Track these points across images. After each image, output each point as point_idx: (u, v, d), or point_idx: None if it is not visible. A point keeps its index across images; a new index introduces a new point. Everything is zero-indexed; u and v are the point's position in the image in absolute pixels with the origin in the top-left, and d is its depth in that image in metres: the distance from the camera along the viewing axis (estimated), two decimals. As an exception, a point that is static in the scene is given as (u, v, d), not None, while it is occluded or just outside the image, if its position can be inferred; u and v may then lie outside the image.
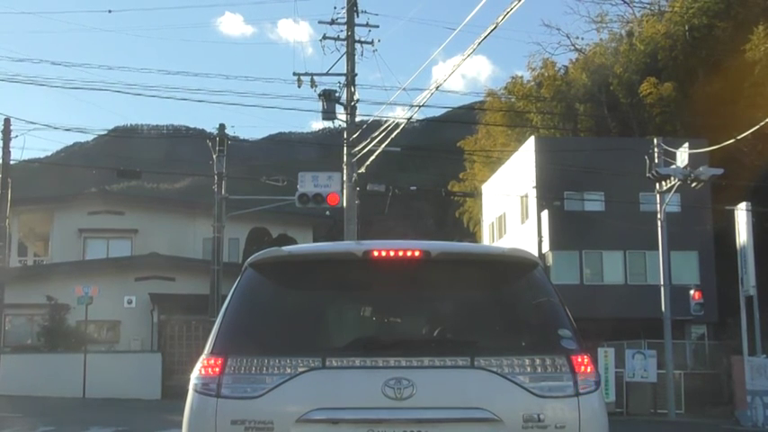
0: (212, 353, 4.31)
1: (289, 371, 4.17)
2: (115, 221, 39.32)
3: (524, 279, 4.66)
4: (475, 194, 44.58)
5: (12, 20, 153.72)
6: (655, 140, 28.46)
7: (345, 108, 28.08)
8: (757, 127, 23.87)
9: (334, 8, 29.09)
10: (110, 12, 77.53)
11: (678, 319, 28.87)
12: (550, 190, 33.80)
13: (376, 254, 4.53)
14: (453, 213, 52.69)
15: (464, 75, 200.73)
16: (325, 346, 4.52)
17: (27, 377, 27.65)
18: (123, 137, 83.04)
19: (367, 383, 4.13)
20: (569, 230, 33.22)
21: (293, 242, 30.98)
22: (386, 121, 28.23)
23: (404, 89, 28.33)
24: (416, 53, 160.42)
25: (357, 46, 28.71)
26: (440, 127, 60.11)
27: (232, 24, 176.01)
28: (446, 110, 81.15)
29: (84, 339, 29.66)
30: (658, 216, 27.62)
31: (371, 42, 28.95)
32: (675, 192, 27.68)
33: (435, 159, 54.02)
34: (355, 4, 28.84)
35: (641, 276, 33.34)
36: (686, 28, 41.35)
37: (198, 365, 4.35)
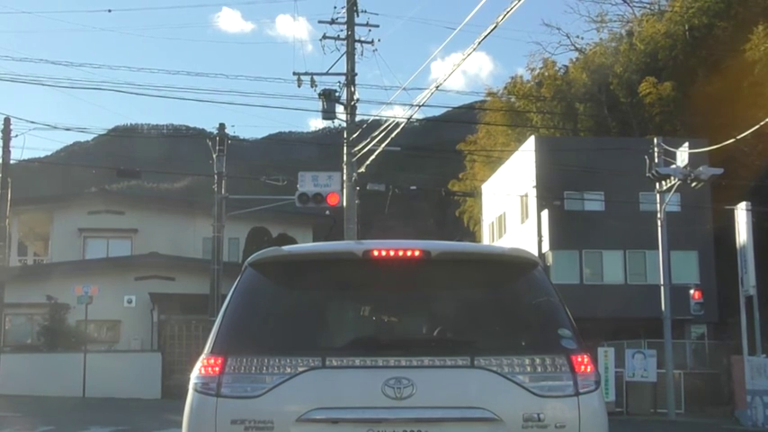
0: (212, 352, 4.31)
1: (289, 370, 4.16)
2: (115, 221, 39.30)
3: (524, 279, 4.65)
4: (475, 194, 44.57)
5: (12, 20, 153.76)
6: (655, 140, 28.44)
7: (345, 108, 28.08)
8: (757, 127, 23.86)
9: (335, 8, 29.16)
10: (109, 11, 77.56)
11: (678, 318, 28.87)
12: (550, 189, 33.78)
13: (376, 253, 4.52)
14: (453, 213, 52.70)
15: (465, 72, 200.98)
16: (325, 345, 4.52)
17: (27, 377, 27.61)
18: (123, 136, 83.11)
19: (367, 383, 4.12)
20: (569, 230, 33.21)
21: (293, 242, 30.97)
22: (386, 121, 28.27)
23: (404, 89, 28.23)
24: (416, 52, 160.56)
25: (357, 45, 28.76)
26: (440, 127, 60.09)
27: (230, 21, 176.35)
28: (446, 109, 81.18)
29: (83, 339, 29.65)
30: (658, 216, 27.60)
31: (371, 42, 29.01)
32: (675, 191, 27.65)
33: (435, 159, 53.98)
34: (355, 4, 28.85)
35: (641, 276, 33.32)
36: (686, 28, 41.35)
37: (198, 365, 4.35)
